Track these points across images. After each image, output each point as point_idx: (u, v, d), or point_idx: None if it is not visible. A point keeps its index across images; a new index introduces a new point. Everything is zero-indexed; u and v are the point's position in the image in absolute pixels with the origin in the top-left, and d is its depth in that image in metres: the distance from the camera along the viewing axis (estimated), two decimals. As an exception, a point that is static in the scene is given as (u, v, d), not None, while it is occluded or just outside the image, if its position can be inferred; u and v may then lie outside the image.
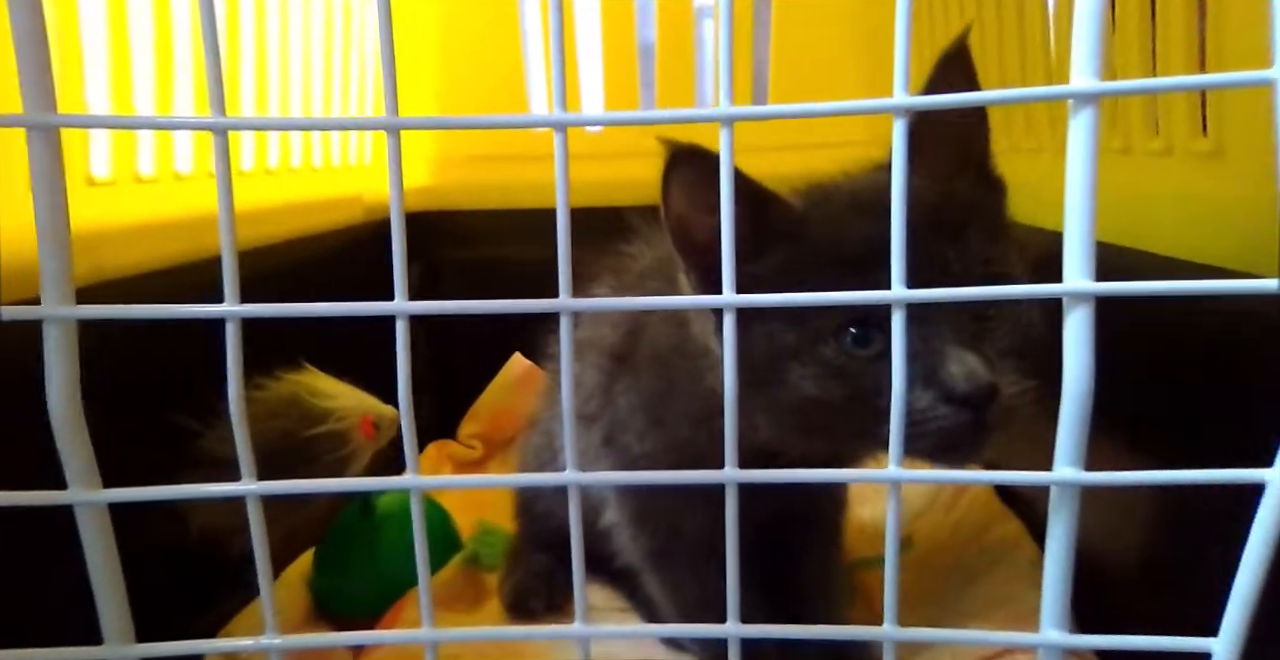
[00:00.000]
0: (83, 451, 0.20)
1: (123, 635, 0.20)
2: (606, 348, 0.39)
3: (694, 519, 0.37)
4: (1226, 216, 0.30)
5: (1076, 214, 0.20)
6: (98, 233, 0.39)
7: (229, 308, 0.19)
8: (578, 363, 0.43)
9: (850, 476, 0.22)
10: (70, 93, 0.37)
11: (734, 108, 0.20)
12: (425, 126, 0.21)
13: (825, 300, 0.21)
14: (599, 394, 0.39)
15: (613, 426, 0.39)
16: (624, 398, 0.38)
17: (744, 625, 0.22)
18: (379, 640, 0.26)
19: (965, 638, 0.22)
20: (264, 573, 0.21)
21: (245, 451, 0.21)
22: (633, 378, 0.38)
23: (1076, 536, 0.21)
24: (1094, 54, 0.19)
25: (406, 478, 0.22)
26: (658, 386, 0.37)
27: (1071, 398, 0.20)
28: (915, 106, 0.20)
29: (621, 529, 0.41)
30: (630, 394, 0.38)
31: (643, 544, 0.40)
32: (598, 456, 0.39)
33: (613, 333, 0.39)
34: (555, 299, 0.21)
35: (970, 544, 0.47)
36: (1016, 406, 0.27)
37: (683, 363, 0.34)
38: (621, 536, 0.41)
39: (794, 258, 0.29)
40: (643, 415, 0.37)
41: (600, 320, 0.40)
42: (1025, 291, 0.20)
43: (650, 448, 0.37)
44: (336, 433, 0.43)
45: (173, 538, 0.40)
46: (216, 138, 0.19)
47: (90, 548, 0.20)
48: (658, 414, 0.36)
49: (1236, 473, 0.19)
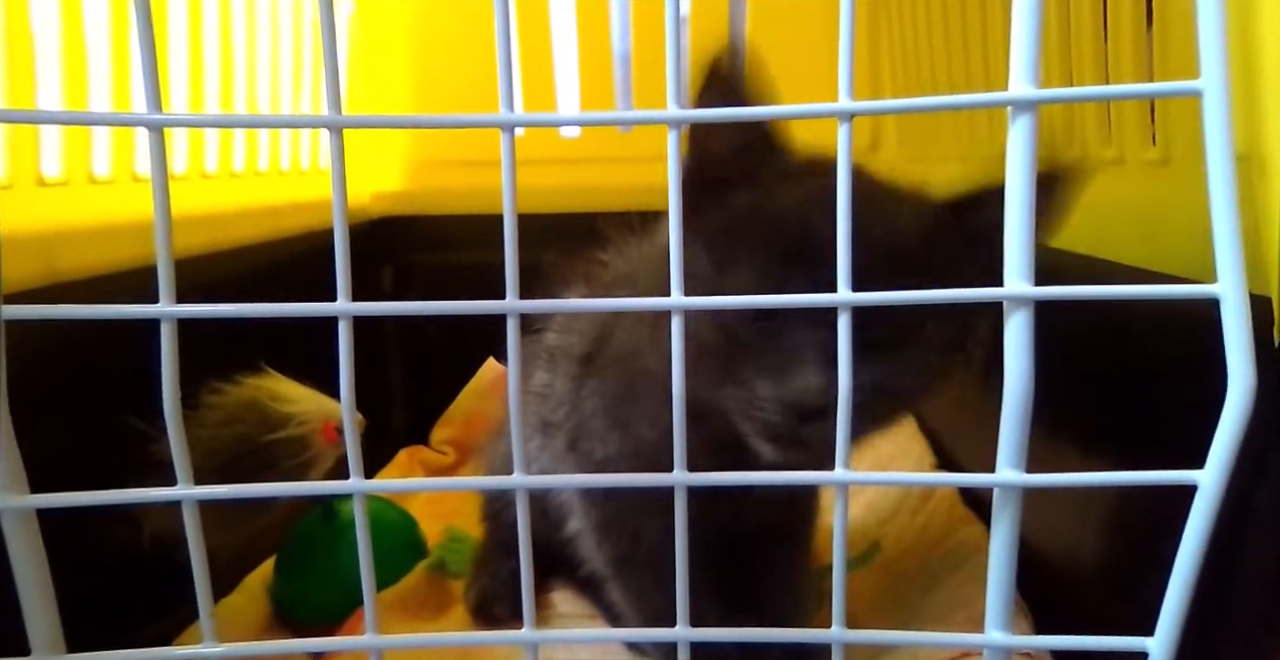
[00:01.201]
0: (9, 456, 0.19)
1: (51, 646, 0.20)
2: (576, 355, 0.39)
3: (656, 525, 0.36)
4: (1174, 224, 0.31)
5: (1016, 219, 0.20)
6: (52, 234, 0.38)
7: (163, 308, 0.19)
8: (548, 372, 0.43)
9: (797, 478, 0.22)
10: (22, 95, 0.37)
11: (680, 110, 0.20)
12: (367, 125, 0.21)
13: (774, 302, 0.21)
14: (566, 401, 0.39)
15: (576, 432, 0.38)
16: (588, 402, 0.38)
17: (693, 628, 0.22)
18: (323, 647, 0.25)
19: (912, 640, 0.22)
20: (201, 579, 0.21)
21: (181, 454, 0.20)
22: (598, 381, 0.38)
23: (1031, 536, 0.21)
24: (1030, 62, 0.19)
25: (351, 482, 0.21)
26: (620, 389, 0.36)
27: (1012, 400, 0.20)
28: (860, 112, 0.20)
29: (586, 536, 0.41)
30: (594, 398, 0.38)
31: (606, 551, 0.40)
32: (562, 462, 0.39)
33: (580, 340, 0.39)
34: (502, 301, 0.21)
35: (935, 548, 0.48)
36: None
37: (644, 364, 0.34)
38: (586, 543, 0.41)
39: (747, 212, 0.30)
40: (605, 418, 0.37)
41: (570, 328, 0.40)
42: (967, 295, 0.20)
43: (613, 451, 0.37)
44: (297, 438, 0.43)
45: (126, 544, 0.39)
46: (151, 135, 0.19)
47: (16, 555, 0.19)
48: (619, 416, 0.36)
49: (1169, 474, 0.19)
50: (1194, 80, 0.18)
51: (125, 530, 0.39)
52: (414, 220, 0.77)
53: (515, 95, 0.21)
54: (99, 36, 0.41)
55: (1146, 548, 0.31)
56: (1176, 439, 0.23)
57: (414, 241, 0.76)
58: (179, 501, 0.38)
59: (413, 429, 0.73)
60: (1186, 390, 0.28)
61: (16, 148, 0.36)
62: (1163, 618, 0.20)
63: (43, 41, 0.37)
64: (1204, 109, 0.18)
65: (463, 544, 0.54)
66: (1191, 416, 0.26)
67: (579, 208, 0.45)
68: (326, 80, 0.19)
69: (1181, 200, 0.30)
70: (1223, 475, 0.19)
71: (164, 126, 0.19)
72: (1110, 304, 0.20)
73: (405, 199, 0.78)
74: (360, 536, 0.21)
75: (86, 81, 0.40)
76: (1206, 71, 0.17)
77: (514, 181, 0.20)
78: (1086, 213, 0.36)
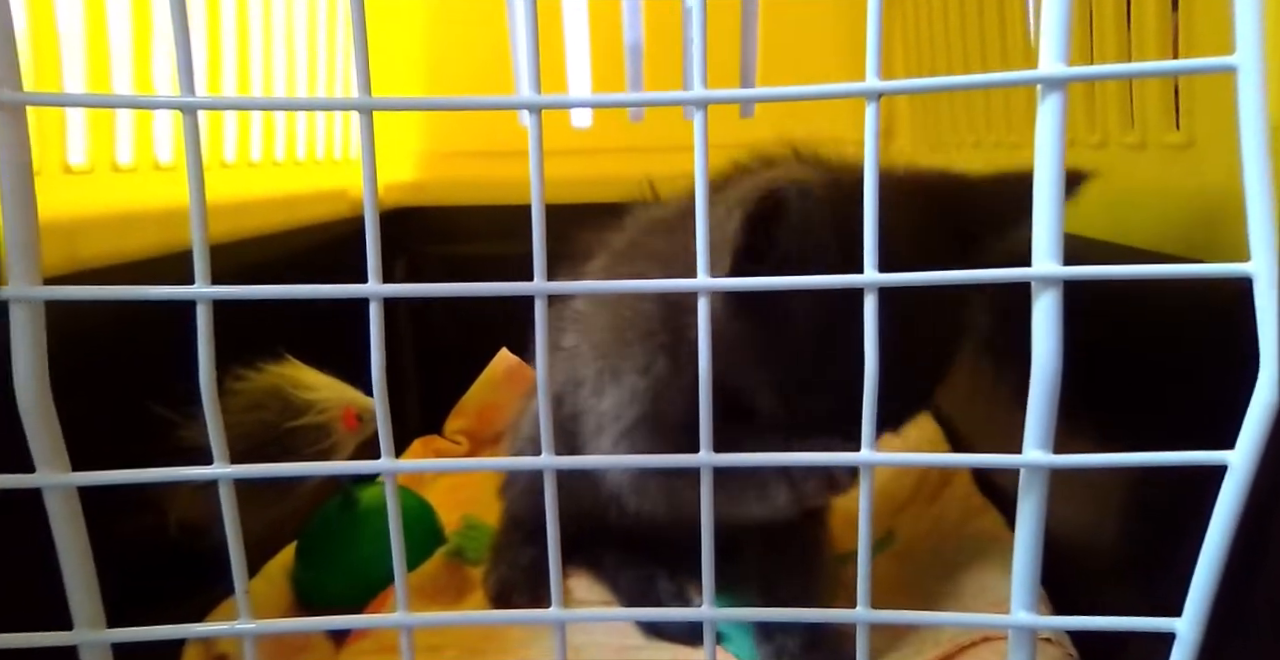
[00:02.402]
0: (51, 435, 0.19)
1: (93, 620, 0.20)
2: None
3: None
4: (1198, 209, 0.31)
5: (1044, 199, 0.20)
6: (75, 221, 0.39)
7: (199, 289, 0.19)
8: (577, 335, 0.43)
9: (823, 459, 0.22)
10: (47, 81, 0.37)
11: (709, 91, 0.20)
12: (398, 107, 0.21)
13: (801, 284, 0.21)
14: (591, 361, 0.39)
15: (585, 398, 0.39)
16: (587, 361, 0.39)
17: (719, 609, 0.22)
18: (353, 624, 0.26)
19: (936, 619, 0.22)
20: (237, 557, 0.21)
21: (217, 434, 0.21)
22: (594, 339, 0.38)
23: (1046, 520, 0.21)
24: (1061, 39, 0.19)
25: (381, 462, 0.21)
26: (610, 340, 0.37)
27: (1040, 381, 0.20)
28: (886, 91, 0.20)
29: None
30: (591, 353, 0.38)
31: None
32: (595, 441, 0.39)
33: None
34: (530, 282, 0.21)
35: (951, 536, 0.48)
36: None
37: (628, 308, 0.34)
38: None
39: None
40: (602, 372, 0.37)
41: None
42: (996, 275, 0.20)
43: (610, 405, 0.37)
44: (318, 425, 0.43)
45: (152, 531, 0.39)
46: (186, 117, 0.19)
47: (59, 532, 0.20)
48: (612, 366, 0.37)
49: (1199, 455, 0.19)
50: (1228, 56, 0.18)
51: (151, 518, 0.39)
52: (427, 211, 0.78)
53: (537, 76, 0.21)
54: (121, 28, 0.41)
55: (1162, 534, 0.31)
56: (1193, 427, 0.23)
57: (427, 233, 0.76)
58: (206, 488, 0.39)
59: (426, 419, 0.74)
60: (1204, 379, 0.28)
61: (43, 135, 0.37)
62: (1190, 598, 0.20)
63: (67, 32, 0.37)
64: (1238, 85, 0.17)
65: (480, 531, 0.55)
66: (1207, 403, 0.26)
67: (590, 198, 0.45)
68: (356, 62, 0.20)
69: (1205, 184, 0.30)
70: (1254, 455, 0.19)
71: (198, 109, 0.19)
72: (1129, 293, 0.20)
73: (418, 190, 0.78)
74: (391, 515, 0.21)
75: (109, 72, 0.41)
76: (1241, 46, 0.17)
77: (540, 162, 0.21)
78: (1107, 199, 0.36)
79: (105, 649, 0.20)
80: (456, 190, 0.78)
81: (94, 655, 0.20)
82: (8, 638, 0.19)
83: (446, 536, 0.52)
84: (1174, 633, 0.20)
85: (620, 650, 0.40)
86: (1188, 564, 0.20)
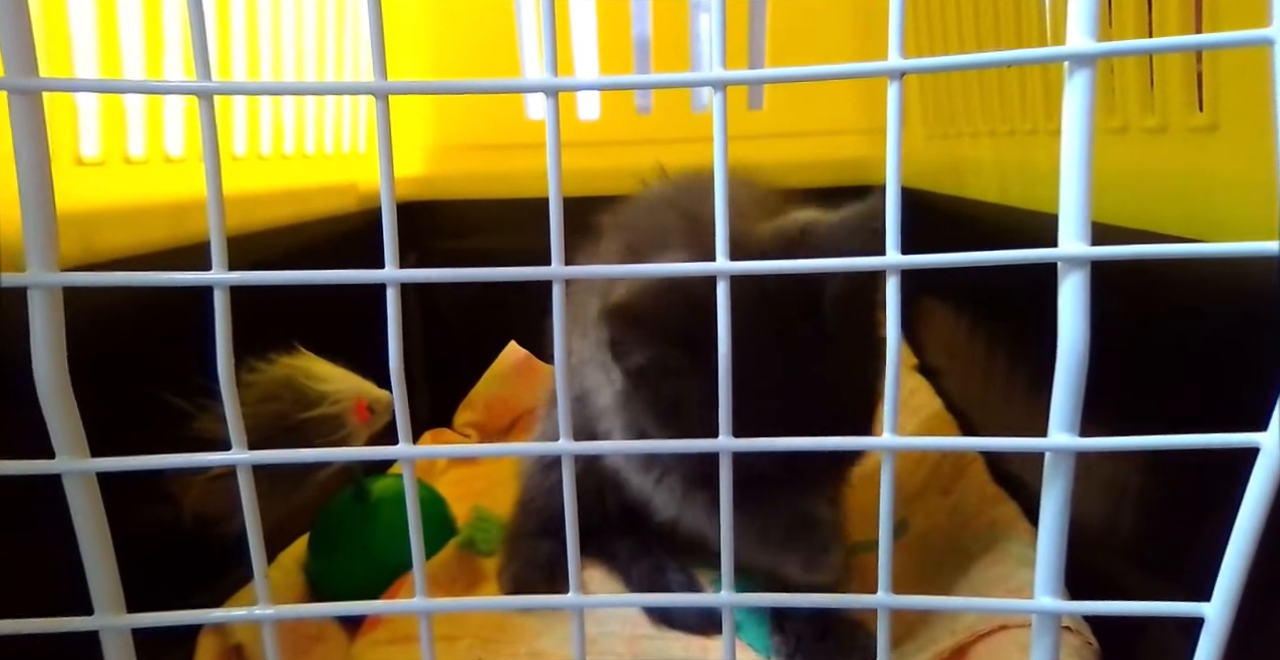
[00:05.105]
0: (70, 421, 0.19)
1: (113, 605, 0.20)
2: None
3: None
4: (1221, 193, 0.30)
5: (1072, 179, 0.19)
6: (88, 213, 0.39)
7: (216, 275, 0.19)
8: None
9: (845, 444, 0.21)
10: (59, 75, 0.37)
11: (727, 72, 0.20)
12: (414, 91, 0.21)
13: (818, 266, 0.21)
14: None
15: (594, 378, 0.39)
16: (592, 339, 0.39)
17: (736, 595, 0.22)
18: (372, 610, 0.26)
19: (959, 605, 0.22)
20: (256, 542, 0.21)
21: (235, 420, 0.21)
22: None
23: (1071, 506, 0.21)
24: (1091, 14, 0.19)
25: (399, 448, 0.21)
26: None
27: (1066, 363, 0.20)
28: (910, 69, 0.20)
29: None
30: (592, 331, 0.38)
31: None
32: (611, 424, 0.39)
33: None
34: (548, 267, 0.21)
35: (966, 527, 0.47)
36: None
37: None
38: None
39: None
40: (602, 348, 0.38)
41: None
42: (1022, 256, 0.20)
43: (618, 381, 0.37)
44: (331, 416, 0.43)
45: (166, 522, 0.39)
46: (202, 102, 0.19)
47: (79, 518, 0.19)
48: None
49: (1230, 437, 0.19)
50: (1261, 29, 0.17)
51: (165, 509, 0.39)
52: (435, 205, 0.78)
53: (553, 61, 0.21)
54: (132, 22, 0.41)
55: (1177, 523, 0.31)
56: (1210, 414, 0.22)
57: (436, 227, 0.76)
58: (219, 479, 0.39)
59: (435, 413, 0.74)
60: (1224, 366, 0.28)
61: (57, 127, 0.37)
62: (1220, 582, 0.19)
63: (78, 27, 0.37)
64: (1273, 58, 0.17)
65: (490, 522, 0.55)
66: (1229, 389, 0.25)
67: (596, 191, 0.45)
68: (372, 46, 0.19)
69: (1230, 167, 0.30)
70: (1286, 436, 0.18)
71: (216, 94, 0.19)
72: (1150, 280, 0.20)
73: (426, 184, 0.78)
74: (409, 500, 0.21)
75: (120, 66, 0.41)
76: (1278, 18, 0.17)
77: (558, 144, 0.20)
78: (1126, 183, 0.36)
79: (125, 634, 0.20)
80: (466, 184, 0.78)
81: (114, 640, 0.20)
82: (30, 622, 0.19)
83: (458, 528, 0.52)
84: (1202, 618, 0.20)
85: (632, 640, 0.40)
86: (1207, 550, 0.20)
